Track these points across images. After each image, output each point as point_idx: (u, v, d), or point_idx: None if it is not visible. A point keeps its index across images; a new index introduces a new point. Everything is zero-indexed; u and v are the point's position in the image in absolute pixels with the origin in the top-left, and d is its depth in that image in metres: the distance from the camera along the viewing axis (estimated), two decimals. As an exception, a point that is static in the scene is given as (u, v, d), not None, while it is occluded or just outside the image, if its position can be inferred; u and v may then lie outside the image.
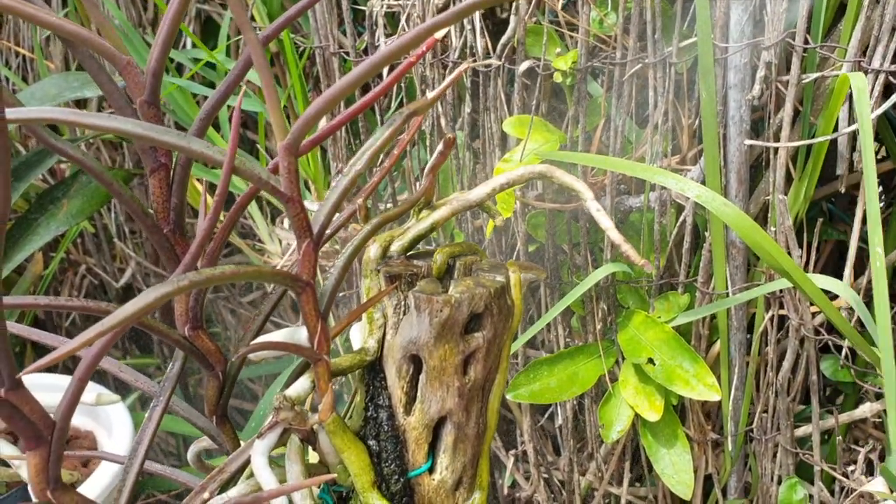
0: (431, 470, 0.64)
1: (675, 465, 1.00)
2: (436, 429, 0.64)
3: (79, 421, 1.29)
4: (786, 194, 0.89)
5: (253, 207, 1.30)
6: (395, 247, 0.65)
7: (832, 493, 1.02)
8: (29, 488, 0.54)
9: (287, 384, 0.64)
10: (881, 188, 1.12)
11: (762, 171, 0.94)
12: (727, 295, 0.95)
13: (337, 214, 0.65)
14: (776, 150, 0.88)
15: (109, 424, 1.25)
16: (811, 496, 1.02)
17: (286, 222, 1.31)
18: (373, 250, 0.65)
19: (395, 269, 0.63)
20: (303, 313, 0.57)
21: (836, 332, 0.99)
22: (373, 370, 0.64)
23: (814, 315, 0.96)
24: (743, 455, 1.07)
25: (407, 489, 0.64)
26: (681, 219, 0.96)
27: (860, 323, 0.96)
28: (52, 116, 0.48)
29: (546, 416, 1.28)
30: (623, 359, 1.03)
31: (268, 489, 0.57)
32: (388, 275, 0.63)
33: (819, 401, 0.99)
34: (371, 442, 0.63)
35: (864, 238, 1.01)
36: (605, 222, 0.63)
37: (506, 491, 1.27)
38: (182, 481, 0.72)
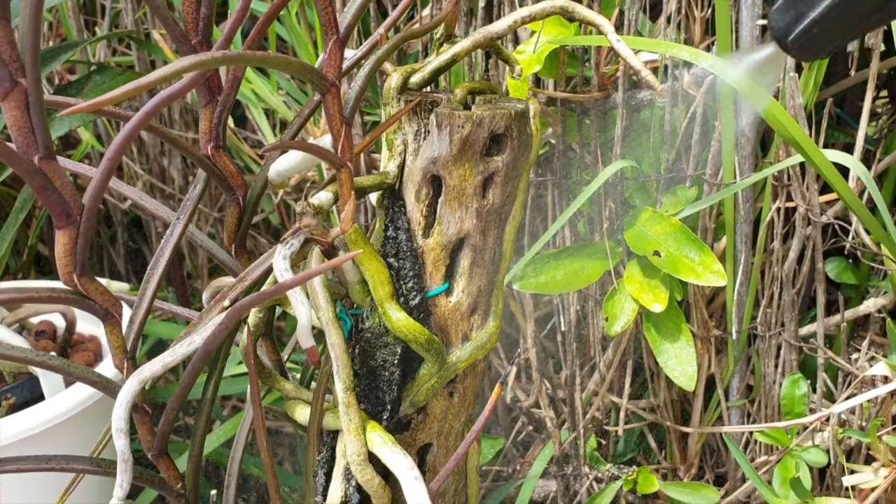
0: (448, 293, 0.65)
1: (678, 358, 1.01)
2: (453, 256, 0.65)
3: (83, 327, 1.30)
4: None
5: (263, 121, 1.30)
6: (416, 78, 0.66)
7: (836, 385, 1.03)
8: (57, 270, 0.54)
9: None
10: (887, 96, 1.13)
11: (772, 61, 0.95)
12: (735, 185, 0.96)
13: (357, 51, 0.66)
14: (787, 34, 0.89)
15: (116, 327, 1.26)
16: (814, 389, 1.03)
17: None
18: (394, 79, 0.66)
19: (415, 97, 0.64)
20: (327, 116, 0.58)
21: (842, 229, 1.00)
22: (392, 196, 0.66)
23: (822, 210, 0.98)
24: (745, 356, 1.08)
25: (424, 309, 0.65)
26: (691, 110, 0.97)
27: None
28: None
29: (547, 329, 1.30)
30: (628, 258, 1.04)
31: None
32: (409, 101, 0.64)
33: (825, 291, 1.00)
34: (391, 260, 0.64)
35: (869, 140, 1.02)
36: (626, 51, 0.64)
37: (508, 400, 1.28)
38: (198, 321, 0.73)
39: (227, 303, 0.61)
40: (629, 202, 1.05)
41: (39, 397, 1.11)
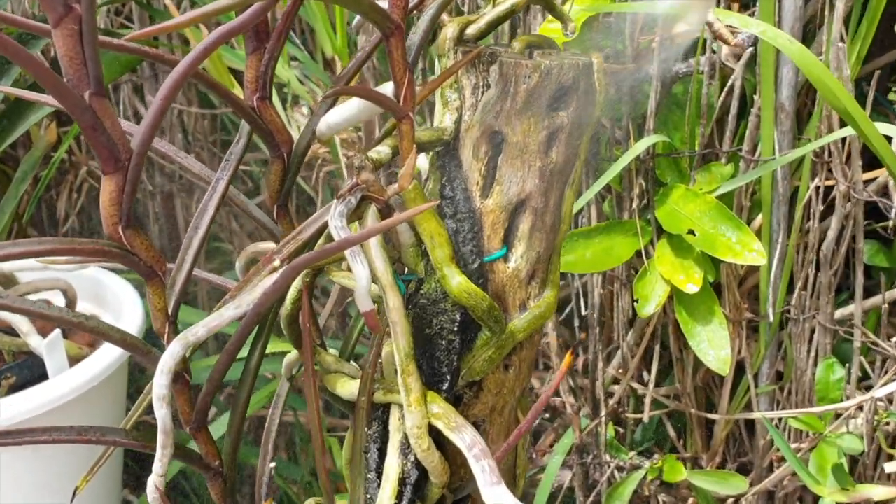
0: (506, 258, 0.61)
1: (711, 342, 0.98)
2: (511, 219, 0.62)
3: (83, 307, 1.25)
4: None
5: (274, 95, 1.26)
6: (472, 30, 0.63)
7: (872, 368, 1.00)
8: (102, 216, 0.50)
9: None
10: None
11: (814, 33, 0.92)
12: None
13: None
14: (832, 4, 0.87)
15: (119, 308, 1.21)
16: (849, 375, 1.00)
17: (304, 109, 1.27)
18: (450, 31, 0.62)
19: (474, 48, 0.61)
20: (390, 61, 0.55)
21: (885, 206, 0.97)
22: (448, 154, 0.62)
23: (865, 185, 0.95)
24: (776, 341, 1.05)
25: (482, 275, 0.61)
26: (729, 83, 0.94)
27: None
28: None
29: (565, 313, 1.27)
30: (658, 237, 1.01)
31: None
32: (466, 53, 0.60)
33: (863, 272, 0.98)
34: (448, 221, 0.60)
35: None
36: None
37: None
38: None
39: (276, 263, 0.57)
40: (660, 179, 1.02)
41: (39, 377, 1.06)
